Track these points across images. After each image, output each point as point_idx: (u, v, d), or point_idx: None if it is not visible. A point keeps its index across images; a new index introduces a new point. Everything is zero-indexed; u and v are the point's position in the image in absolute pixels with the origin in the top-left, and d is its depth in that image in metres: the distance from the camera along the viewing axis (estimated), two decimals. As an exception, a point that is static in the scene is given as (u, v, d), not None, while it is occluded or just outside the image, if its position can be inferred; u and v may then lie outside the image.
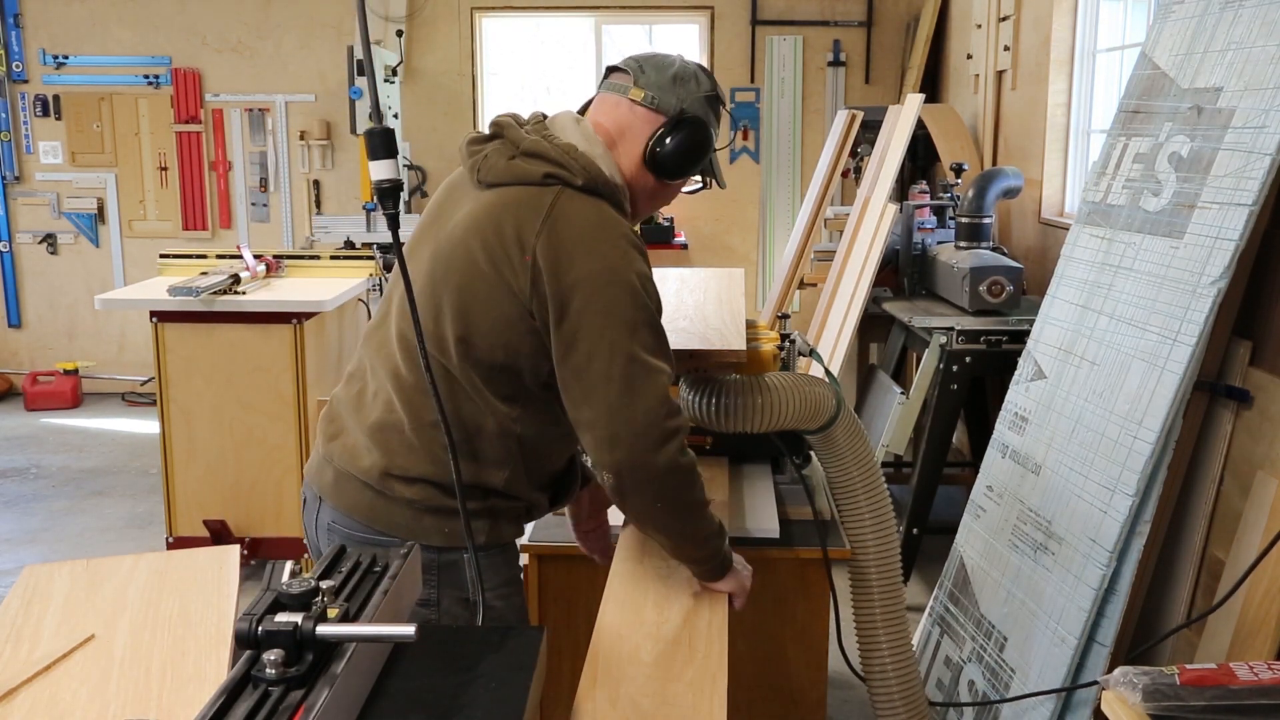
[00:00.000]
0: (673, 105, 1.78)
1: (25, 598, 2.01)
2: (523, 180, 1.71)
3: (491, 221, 1.69)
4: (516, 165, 1.72)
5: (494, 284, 1.67)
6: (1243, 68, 2.41)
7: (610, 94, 1.83)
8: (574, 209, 1.68)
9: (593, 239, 1.66)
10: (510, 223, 1.67)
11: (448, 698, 1.24)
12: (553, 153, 1.71)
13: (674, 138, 1.78)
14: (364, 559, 1.35)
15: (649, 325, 1.67)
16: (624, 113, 1.80)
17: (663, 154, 1.78)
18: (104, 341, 7.02)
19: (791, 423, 1.95)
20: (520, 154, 1.72)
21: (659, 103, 1.78)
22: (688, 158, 1.80)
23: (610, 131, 1.80)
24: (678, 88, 1.79)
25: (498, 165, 1.73)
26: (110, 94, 6.74)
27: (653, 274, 1.74)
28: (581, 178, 1.69)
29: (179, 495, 3.94)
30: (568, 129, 1.78)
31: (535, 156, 1.71)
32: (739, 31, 6.67)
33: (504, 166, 1.73)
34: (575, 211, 1.68)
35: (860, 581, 2.12)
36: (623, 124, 1.80)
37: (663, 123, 1.78)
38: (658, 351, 1.67)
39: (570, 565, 2.01)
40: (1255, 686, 1.48)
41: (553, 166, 1.70)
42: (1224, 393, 2.59)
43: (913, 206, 4.34)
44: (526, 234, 1.66)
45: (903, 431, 3.86)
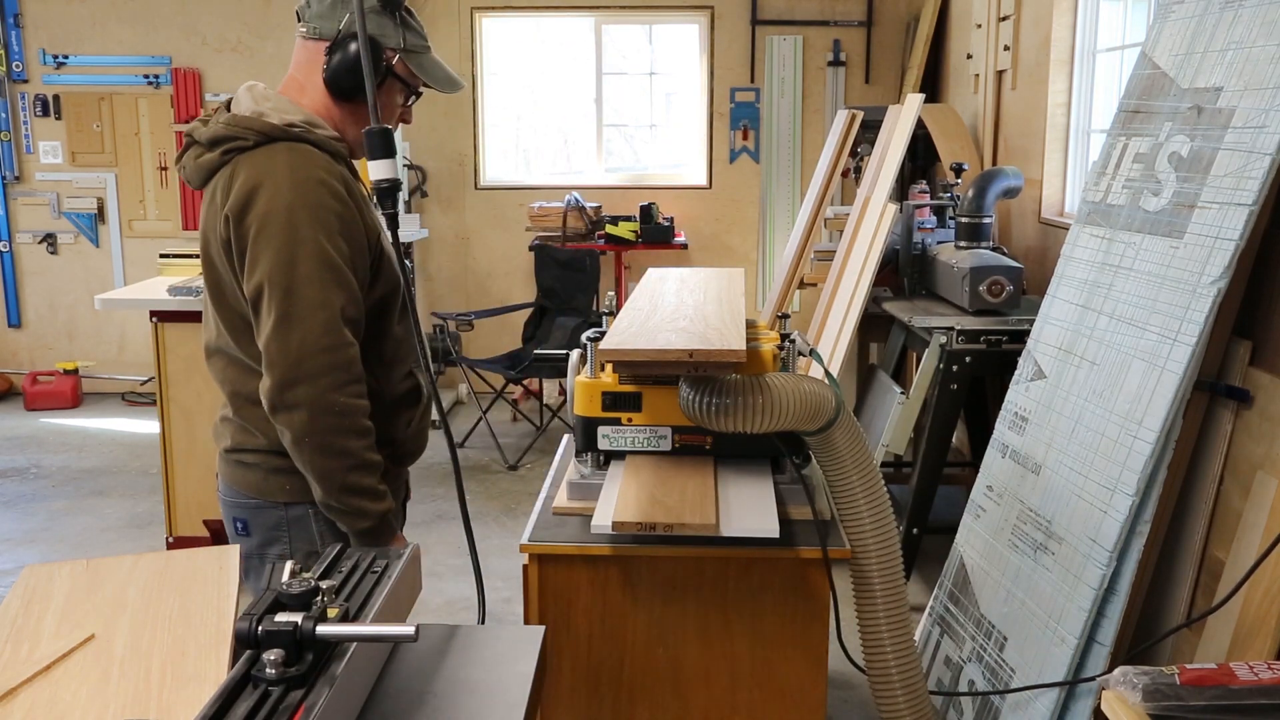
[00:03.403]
0: (332, 29, 1.84)
1: (25, 598, 2.01)
2: (213, 169, 1.83)
3: (205, 220, 1.86)
4: (205, 161, 1.84)
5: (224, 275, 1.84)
6: (1243, 68, 2.41)
7: (297, 40, 1.92)
8: (249, 165, 1.78)
9: (260, 184, 1.76)
10: (211, 213, 1.82)
11: (448, 698, 1.24)
12: (223, 131, 1.82)
13: (332, 61, 1.85)
14: (364, 559, 1.35)
15: (314, 257, 1.74)
16: (301, 53, 1.91)
17: (330, 79, 1.86)
18: (104, 341, 7.02)
19: (791, 423, 1.95)
20: (205, 149, 1.84)
21: (320, 31, 1.86)
22: (355, 75, 1.83)
23: (297, 76, 1.90)
24: (337, 10, 1.85)
25: (193, 169, 1.87)
26: (110, 94, 6.75)
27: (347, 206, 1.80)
28: (252, 138, 1.80)
29: (179, 495, 3.94)
30: (240, 101, 1.88)
31: (214, 142, 1.83)
32: (739, 31, 6.67)
33: (195, 166, 1.86)
34: (251, 166, 1.78)
35: (862, 582, 2.12)
36: (302, 62, 1.90)
37: (324, 49, 1.86)
38: (325, 284, 1.74)
39: (570, 565, 2.01)
40: (1255, 686, 1.48)
41: (226, 143, 1.81)
42: (1224, 393, 2.59)
43: (913, 206, 4.34)
44: (220, 209, 1.79)
45: (903, 431, 3.86)
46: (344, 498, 1.82)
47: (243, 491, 1.97)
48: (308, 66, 1.89)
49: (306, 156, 1.80)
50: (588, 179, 7.03)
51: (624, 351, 1.85)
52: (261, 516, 1.95)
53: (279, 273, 1.73)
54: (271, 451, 1.90)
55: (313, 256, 1.74)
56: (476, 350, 6.60)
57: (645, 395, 2.11)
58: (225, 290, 1.86)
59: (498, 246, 6.91)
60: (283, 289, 1.73)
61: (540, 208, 6.51)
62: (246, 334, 1.85)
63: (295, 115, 1.84)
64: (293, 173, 1.76)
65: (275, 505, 1.93)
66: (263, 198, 1.75)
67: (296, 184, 1.75)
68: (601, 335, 2.08)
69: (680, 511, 1.86)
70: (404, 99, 1.97)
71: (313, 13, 1.87)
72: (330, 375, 1.74)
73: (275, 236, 1.74)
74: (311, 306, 1.73)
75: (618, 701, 2.01)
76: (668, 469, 2.07)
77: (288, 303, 1.73)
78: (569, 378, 2.17)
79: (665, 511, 1.86)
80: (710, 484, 2.00)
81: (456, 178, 6.79)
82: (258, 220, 1.74)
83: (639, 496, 1.92)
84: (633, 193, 6.76)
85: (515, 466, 5.55)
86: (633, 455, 2.16)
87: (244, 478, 1.96)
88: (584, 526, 2.08)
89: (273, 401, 1.77)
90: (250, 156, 1.79)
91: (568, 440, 2.51)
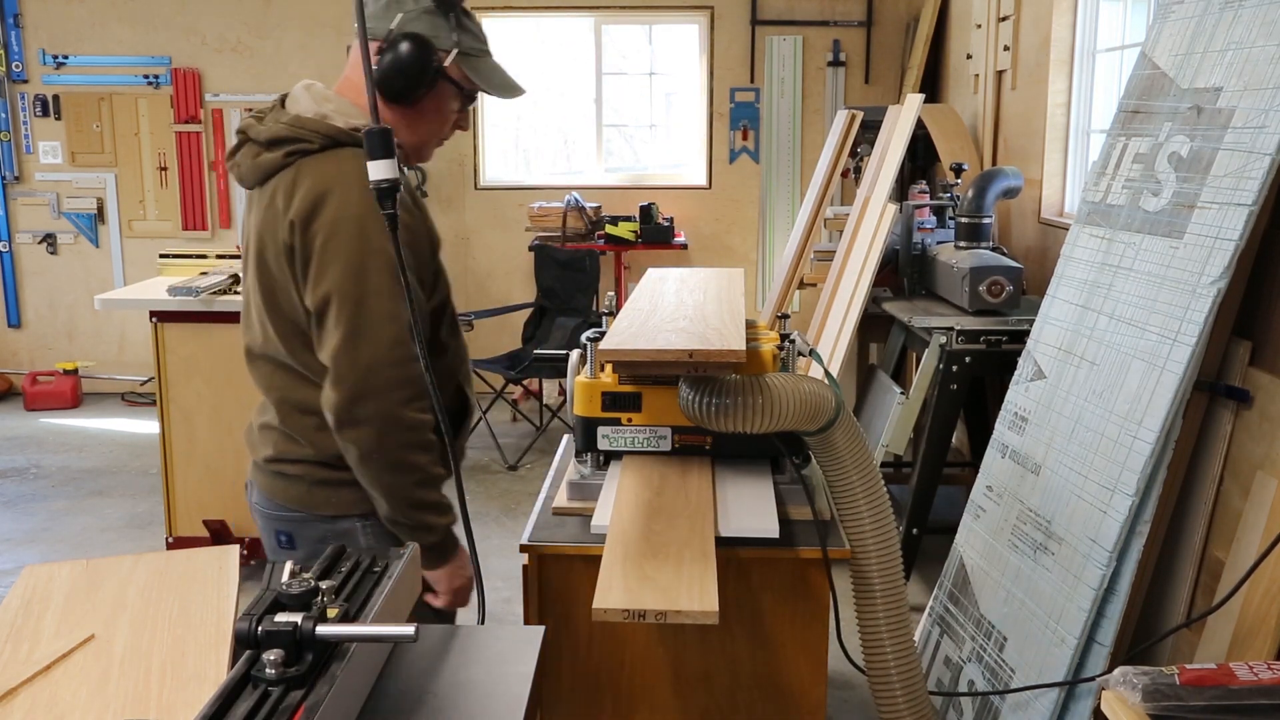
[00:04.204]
0: (384, 30, 1.79)
1: (25, 598, 2.01)
2: (271, 171, 1.78)
3: (259, 223, 1.80)
4: (262, 161, 1.79)
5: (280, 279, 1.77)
6: (1243, 68, 2.41)
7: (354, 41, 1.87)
8: (314, 170, 1.73)
9: (329, 191, 1.70)
10: (270, 217, 1.76)
11: (448, 698, 1.24)
12: (284, 131, 1.77)
13: (383, 61, 1.78)
14: (364, 559, 1.35)
15: (385, 269, 1.70)
16: (354, 54, 1.85)
17: (380, 81, 1.78)
18: (104, 341, 7.02)
19: (791, 423, 1.95)
20: (263, 148, 1.79)
21: (372, 32, 1.80)
22: (405, 77, 1.79)
23: (353, 78, 1.85)
24: (390, 11, 1.80)
25: (248, 168, 1.82)
26: (110, 94, 6.75)
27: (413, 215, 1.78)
28: (316, 141, 1.74)
29: (179, 495, 3.94)
30: (299, 100, 1.82)
31: (275, 142, 1.77)
32: (739, 31, 6.67)
33: (252, 166, 1.80)
34: (316, 171, 1.73)
35: (862, 582, 2.12)
36: (357, 64, 1.84)
37: (377, 50, 1.79)
38: (393, 296, 1.70)
39: (570, 565, 2.01)
40: (1255, 686, 1.48)
41: (288, 145, 1.76)
42: (1224, 393, 2.59)
43: (913, 206, 4.34)
44: (281, 216, 1.73)
45: (902, 431, 3.86)
46: (412, 513, 1.78)
47: (285, 504, 1.90)
48: (359, 65, 1.83)
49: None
50: (588, 179, 7.03)
51: (624, 352, 1.85)
52: (308, 530, 1.89)
53: (349, 284, 1.68)
54: (318, 463, 1.84)
55: (384, 268, 1.69)
56: (476, 350, 6.59)
57: (645, 395, 2.11)
58: (279, 296, 1.79)
59: (497, 247, 6.91)
60: (353, 301, 1.68)
61: (540, 208, 6.52)
62: (300, 341, 1.79)
63: (358, 119, 1.79)
64: (362, 180, 1.68)
65: (322, 519, 1.87)
66: (331, 205, 1.69)
67: (367, 192, 1.68)
68: (601, 335, 2.08)
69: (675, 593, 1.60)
70: (459, 104, 1.90)
71: (368, 13, 1.81)
72: (400, 390, 1.70)
73: (345, 246, 1.68)
74: (382, 320, 1.68)
75: (618, 702, 2.01)
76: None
77: (358, 316, 1.68)
78: (569, 378, 2.17)
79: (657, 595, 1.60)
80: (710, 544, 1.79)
81: (456, 178, 6.79)
82: (326, 228, 1.69)
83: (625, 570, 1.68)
84: (633, 193, 6.76)
85: (515, 466, 5.55)
86: (630, 458, 2.16)
87: (287, 490, 1.89)
88: (584, 526, 2.08)
89: (340, 417, 1.71)
90: (316, 161, 1.73)
91: (568, 440, 2.51)
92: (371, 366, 1.68)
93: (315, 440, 1.82)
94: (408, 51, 1.78)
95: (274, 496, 1.91)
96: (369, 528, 1.86)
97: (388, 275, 1.69)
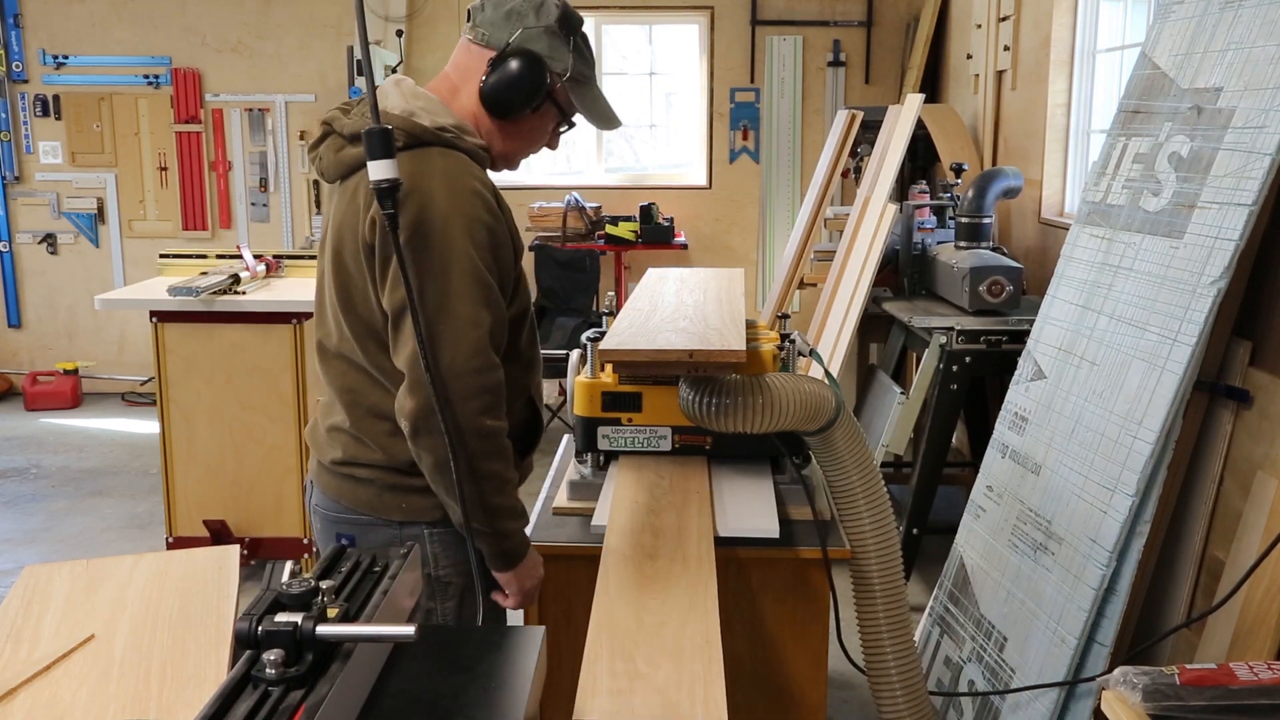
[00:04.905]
0: (502, 40, 1.77)
1: (25, 598, 2.01)
2: (354, 166, 1.75)
3: (339, 217, 1.76)
4: (345, 155, 1.76)
5: (356, 276, 1.73)
6: (1243, 68, 2.41)
7: (462, 38, 1.84)
8: (400, 168, 1.68)
9: (412, 189, 1.65)
10: (351, 211, 1.73)
11: (448, 698, 1.24)
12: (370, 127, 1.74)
13: (496, 73, 1.76)
14: (364, 559, 1.35)
15: (468, 273, 1.65)
16: (464, 55, 1.82)
17: (488, 91, 1.77)
18: (104, 341, 7.02)
19: (791, 423, 1.95)
20: (347, 142, 1.76)
21: (489, 39, 1.78)
22: (515, 93, 1.77)
23: (453, 77, 1.82)
24: (511, 22, 1.77)
25: (330, 161, 1.79)
26: (110, 94, 6.75)
27: (498, 220, 1.73)
28: (402, 139, 1.70)
29: (179, 495, 3.94)
30: (387, 95, 1.77)
31: (357, 138, 1.73)
32: (739, 31, 6.67)
33: (334, 160, 1.78)
34: (401, 169, 1.67)
35: (862, 582, 2.12)
36: (463, 66, 1.81)
37: (490, 59, 1.77)
38: (477, 302, 1.65)
39: (570, 565, 2.01)
40: (1255, 686, 1.48)
41: None
42: (1224, 393, 2.59)
43: (913, 206, 4.34)
44: (362, 210, 1.70)
45: (903, 431, 3.86)
46: (489, 520, 1.73)
47: (353, 507, 1.85)
48: (467, 71, 1.80)
49: (461, 164, 1.71)
50: (588, 179, 7.03)
51: (624, 352, 1.85)
52: (373, 535, 1.83)
53: (430, 288, 1.63)
54: (388, 468, 1.80)
55: (467, 272, 1.64)
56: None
57: (645, 395, 2.11)
58: (355, 294, 1.75)
59: (498, 246, 6.90)
60: (434, 305, 1.63)
61: (540, 208, 6.51)
62: (375, 343, 1.75)
63: (446, 119, 1.74)
64: (448, 181, 1.66)
65: (389, 524, 1.82)
66: (414, 205, 1.64)
67: (452, 193, 1.66)
68: (601, 335, 2.08)
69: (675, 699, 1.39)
70: (555, 125, 1.88)
71: (485, 18, 1.78)
72: (478, 399, 1.64)
73: (428, 248, 1.63)
74: (464, 325, 1.63)
75: (618, 701, 2.01)
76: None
77: (439, 321, 1.63)
78: (569, 378, 2.17)
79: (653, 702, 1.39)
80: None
81: (456, 178, 6.79)
82: (408, 229, 1.63)
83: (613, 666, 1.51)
84: (633, 193, 6.76)
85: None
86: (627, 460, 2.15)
87: (355, 493, 1.84)
88: (584, 526, 2.08)
89: (415, 425, 1.65)
90: (400, 159, 1.66)
91: (568, 440, 2.51)
92: (450, 373, 1.62)
93: (386, 445, 1.78)
94: (522, 69, 1.75)
95: (340, 499, 1.86)
96: (436, 535, 1.82)
97: (470, 279, 1.64)
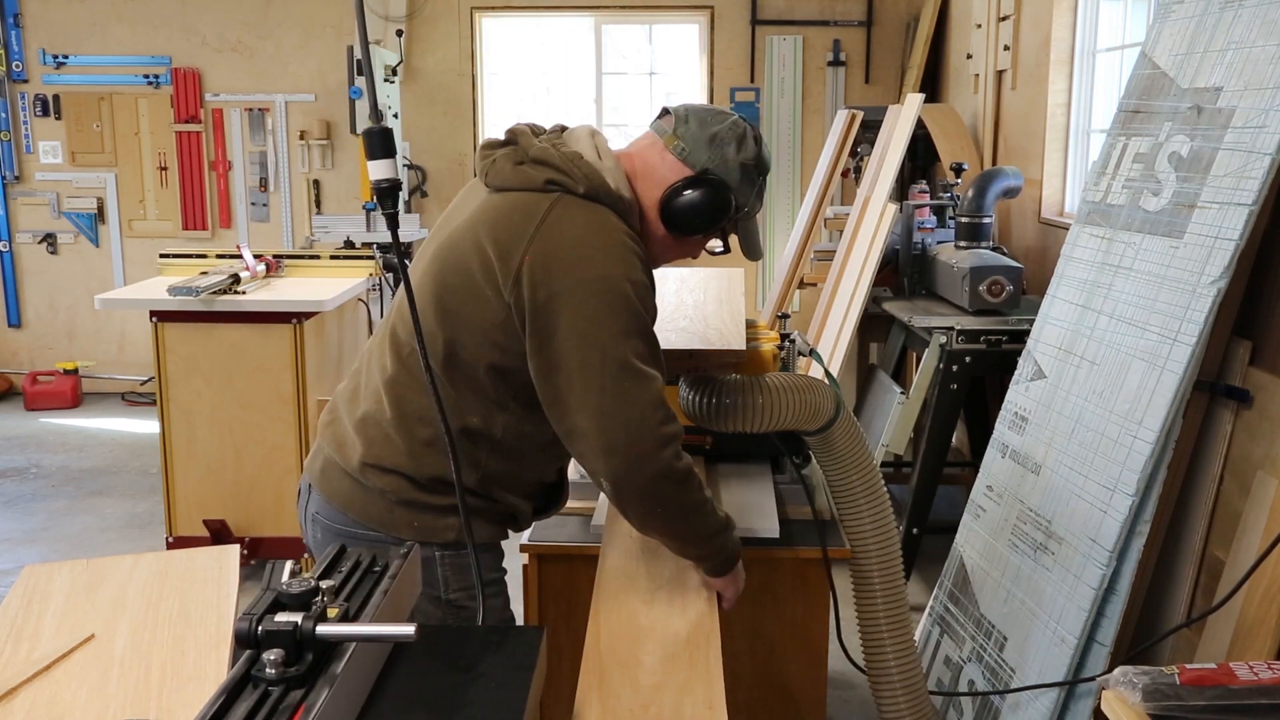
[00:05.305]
0: (700, 162, 1.78)
1: (25, 598, 2.01)
2: (526, 186, 1.72)
3: (489, 224, 1.71)
4: (522, 171, 1.73)
5: (482, 285, 1.68)
6: (1243, 68, 2.41)
7: (653, 134, 1.83)
8: (571, 215, 1.68)
9: (586, 244, 1.65)
10: (506, 226, 1.69)
11: (448, 698, 1.24)
12: (557, 159, 1.71)
13: (689, 194, 1.77)
14: (364, 559, 1.35)
15: (641, 334, 1.66)
16: (654, 154, 1.80)
17: (673, 206, 1.78)
18: (104, 341, 7.02)
19: (791, 423, 1.95)
20: (529, 160, 1.73)
21: (688, 155, 1.78)
22: (699, 217, 1.78)
23: (635, 165, 1.80)
24: (713, 148, 1.78)
25: (504, 170, 1.75)
26: (110, 94, 6.74)
27: (654, 285, 1.73)
28: (583, 185, 1.69)
29: (179, 495, 3.94)
30: (580, 140, 1.78)
31: (540, 163, 1.72)
32: (739, 31, 6.67)
33: (510, 171, 1.74)
34: (571, 218, 1.67)
35: (863, 582, 2.12)
36: (650, 164, 1.80)
37: (684, 176, 1.78)
38: (650, 359, 1.66)
39: (570, 565, 2.01)
40: (1255, 686, 1.48)
41: (555, 173, 1.70)
42: (1224, 393, 2.59)
43: (913, 206, 4.34)
44: (520, 239, 1.66)
45: (903, 431, 3.86)
46: (704, 546, 1.74)
47: (360, 521, 1.77)
48: (654, 172, 1.79)
49: (624, 231, 1.71)
50: (588, 179, 7.01)
51: (624, 351, 1.84)
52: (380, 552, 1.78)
53: (611, 342, 1.61)
54: (408, 478, 1.74)
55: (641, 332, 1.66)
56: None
57: (645, 395, 2.10)
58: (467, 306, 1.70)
59: (498, 246, 6.90)
60: (618, 364, 1.61)
61: (540, 208, 6.51)
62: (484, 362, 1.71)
63: (626, 193, 1.75)
64: (619, 244, 1.67)
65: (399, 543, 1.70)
66: (587, 261, 1.63)
67: (625, 256, 1.66)
68: (601, 335, 2.07)
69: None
70: (710, 242, 1.91)
71: (689, 132, 1.78)
72: (669, 447, 1.64)
73: (603, 308, 1.62)
74: (643, 379, 1.63)
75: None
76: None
77: (623, 376, 1.61)
78: (569, 378, 2.16)
79: None
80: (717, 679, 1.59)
81: (456, 178, 6.79)
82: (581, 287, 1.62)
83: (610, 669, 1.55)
84: (633, 193, 6.75)
85: (515, 466, 5.54)
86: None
87: (365, 505, 1.77)
88: (584, 526, 2.09)
89: (619, 486, 1.65)
90: (574, 205, 1.68)
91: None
92: (640, 431, 1.62)
93: (418, 454, 1.74)
94: (714, 200, 1.78)
95: (348, 510, 1.78)
96: (448, 558, 1.77)
97: (643, 340, 1.66)
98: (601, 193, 1.71)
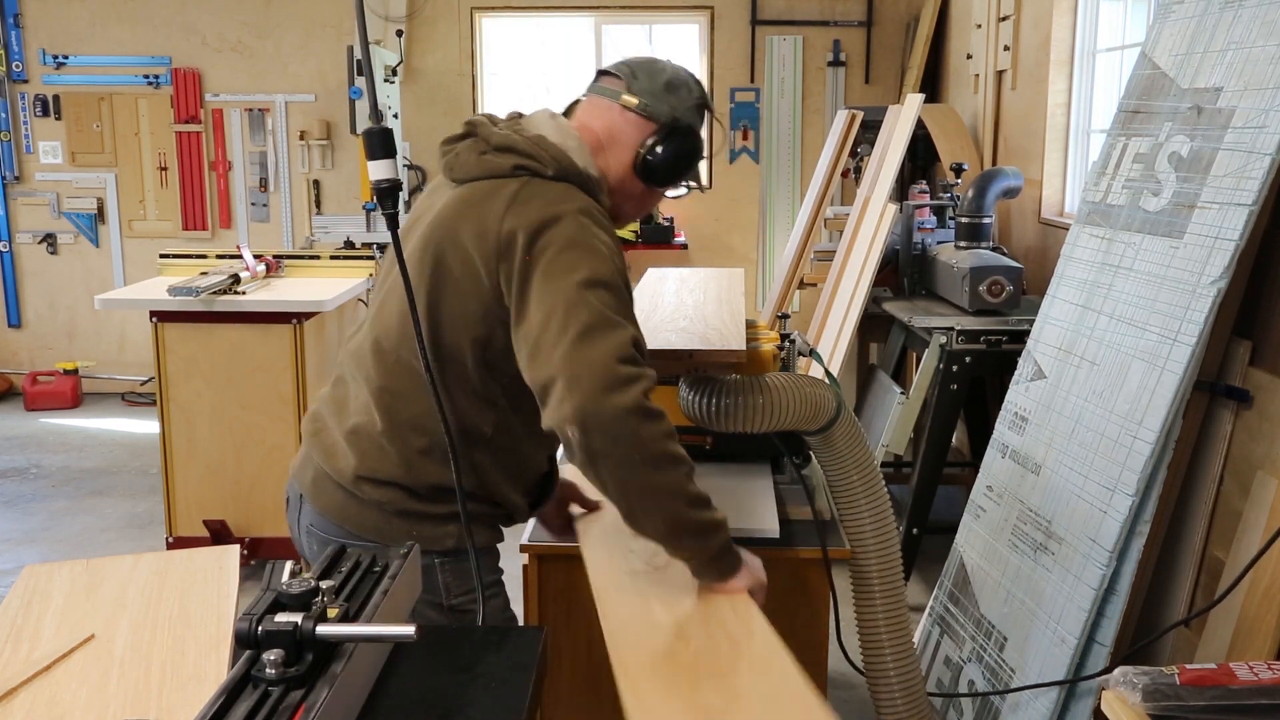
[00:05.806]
0: (665, 113, 1.79)
1: (25, 598, 2.01)
2: (493, 173, 1.71)
3: (458, 216, 1.70)
4: (487, 160, 1.72)
5: (460, 277, 1.67)
6: (1243, 68, 2.41)
7: (600, 98, 1.83)
8: (547, 192, 1.68)
9: (557, 207, 1.65)
10: (476, 215, 1.68)
11: (448, 698, 1.24)
12: (522, 145, 1.71)
13: (667, 146, 1.79)
14: (364, 559, 1.35)
15: (610, 286, 1.62)
16: (614, 117, 1.81)
17: (654, 162, 1.79)
18: (104, 341, 7.02)
19: (791, 423, 1.95)
20: (491, 149, 1.73)
21: (651, 110, 1.79)
22: (679, 166, 1.81)
23: (599, 135, 1.80)
24: (670, 95, 1.80)
25: (468, 161, 1.74)
26: (110, 94, 6.74)
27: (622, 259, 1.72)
28: (552, 168, 1.70)
29: (179, 495, 3.94)
30: (542, 124, 1.78)
31: (505, 150, 1.71)
32: (739, 31, 6.67)
33: (474, 162, 1.73)
34: (550, 195, 1.67)
35: (862, 582, 2.12)
36: (613, 129, 1.80)
37: (653, 130, 1.79)
38: (619, 311, 1.62)
39: (570, 565, 2.00)
40: (1255, 686, 1.48)
41: (521, 158, 1.70)
42: (1224, 393, 2.59)
43: (913, 206, 4.34)
44: (492, 219, 1.65)
45: (903, 431, 3.86)
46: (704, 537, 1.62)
47: (357, 532, 1.74)
48: (619, 134, 1.80)
49: (597, 210, 1.71)
50: (588, 179, 7.02)
51: (624, 351, 1.84)
52: None
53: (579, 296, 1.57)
54: (404, 488, 1.72)
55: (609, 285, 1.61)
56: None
57: (645, 395, 2.10)
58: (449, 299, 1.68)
59: (498, 246, 6.90)
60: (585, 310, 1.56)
61: (540, 208, 6.51)
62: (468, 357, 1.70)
63: (593, 170, 1.76)
64: (593, 216, 1.66)
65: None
66: (565, 226, 1.62)
67: (598, 226, 1.66)
68: (601, 335, 2.07)
69: None
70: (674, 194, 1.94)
71: (642, 87, 1.79)
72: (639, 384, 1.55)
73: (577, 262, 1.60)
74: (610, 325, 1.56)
75: (618, 701, 2.01)
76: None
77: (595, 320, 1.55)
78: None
79: None
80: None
81: (456, 178, 6.79)
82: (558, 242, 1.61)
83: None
84: (633, 193, 6.76)
85: (515, 466, 5.54)
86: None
87: (361, 516, 1.74)
88: (584, 526, 2.08)
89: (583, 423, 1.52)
90: (548, 185, 1.68)
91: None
92: (607, 363, 1.53)
93: (413, 462, 1.71)
94: (690, 145, 1.80)
95: (344, 522, 1.75)
96: (448, 565, 1.75)
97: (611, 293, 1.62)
98: (570, 172, 1.72)
